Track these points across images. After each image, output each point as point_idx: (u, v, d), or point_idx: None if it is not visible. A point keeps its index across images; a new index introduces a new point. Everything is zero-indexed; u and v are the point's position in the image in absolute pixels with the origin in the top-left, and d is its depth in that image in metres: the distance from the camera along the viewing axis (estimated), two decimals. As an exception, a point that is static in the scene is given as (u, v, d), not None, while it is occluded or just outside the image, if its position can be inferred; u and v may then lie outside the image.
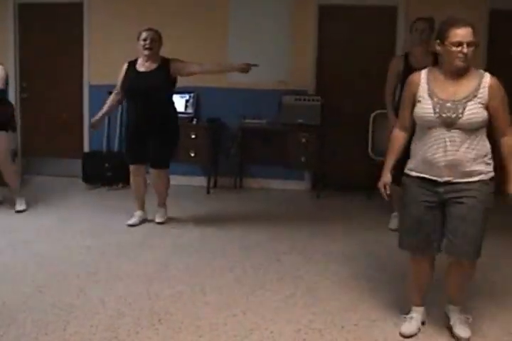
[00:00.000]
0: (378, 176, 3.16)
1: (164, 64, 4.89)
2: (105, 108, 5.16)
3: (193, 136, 6.39)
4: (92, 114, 7.01)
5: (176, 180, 5.15)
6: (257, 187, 6.87)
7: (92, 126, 5.27)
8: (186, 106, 6.74)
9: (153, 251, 4.50)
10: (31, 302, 3.45)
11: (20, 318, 3.22)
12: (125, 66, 4.99)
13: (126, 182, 6.68)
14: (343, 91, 6.74)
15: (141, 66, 4.92)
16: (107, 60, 6.75)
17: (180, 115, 5.33)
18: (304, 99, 6.47)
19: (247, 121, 6.57)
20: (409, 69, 4.24)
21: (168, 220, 5.24)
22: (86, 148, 7.10)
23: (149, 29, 4.89)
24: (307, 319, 3.30)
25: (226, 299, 3.57)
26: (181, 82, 5.11)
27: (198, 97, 6.82)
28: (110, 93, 6.75)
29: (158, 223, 5.17)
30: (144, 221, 5.19)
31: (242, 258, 4.37)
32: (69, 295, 3.56)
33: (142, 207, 5.22)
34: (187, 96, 6.74)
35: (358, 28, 6.69)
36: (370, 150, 6.36)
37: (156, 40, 4.87)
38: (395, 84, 4.90)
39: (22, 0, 7.01)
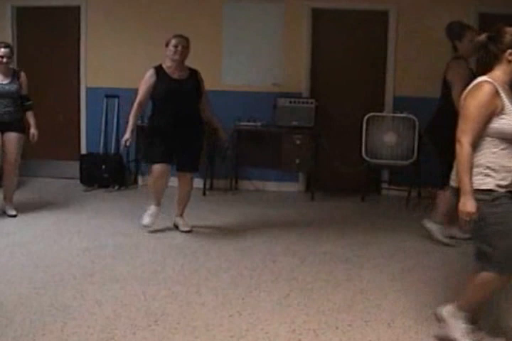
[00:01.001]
0: (372, 178, 3.15)
1: (193, 73, 4.94)
2: (132, 124, 4.89)
3: (189, 138, 6.43)
4: (89, 117, 7.09)
5: (171, 182, 5.16)
6: (252, 189, 6.91)
7: (125, 145, 4.98)
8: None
9: (149, 253, 4.54)
10: (29, 303, 3.48)
11: (18, 319, 3.24)
12: (151, 72, 4.85)
13: (122, 184, 6.76)
14: (337, 94, 6.79)
15: (173, 74, 4.86)
16: (104, 63, 6.79)
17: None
18: (298, 102, 6.51)
19: (241, 123, 6.62)
20: (474, 77, 4.05)
21: (165, 222, 5.27)
22: (83, 150, 7.13)
23: (180, 36, 4.85)
24: (302, 319, 3.34)
25: (222, 300, 3.61)
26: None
27: (194, 100, 6.85)
28: (108, 96, 6.84)
29: (186, 231, 5.06)
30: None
31: (237, 259, 4.41)
32: (66, 297, 3.59)
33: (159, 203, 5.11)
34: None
35: (351, 32, 6.76)
36: (363, 152, 6.41)
37: (185, 47, 4.85)
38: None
39: (19, 3, 7.03)
